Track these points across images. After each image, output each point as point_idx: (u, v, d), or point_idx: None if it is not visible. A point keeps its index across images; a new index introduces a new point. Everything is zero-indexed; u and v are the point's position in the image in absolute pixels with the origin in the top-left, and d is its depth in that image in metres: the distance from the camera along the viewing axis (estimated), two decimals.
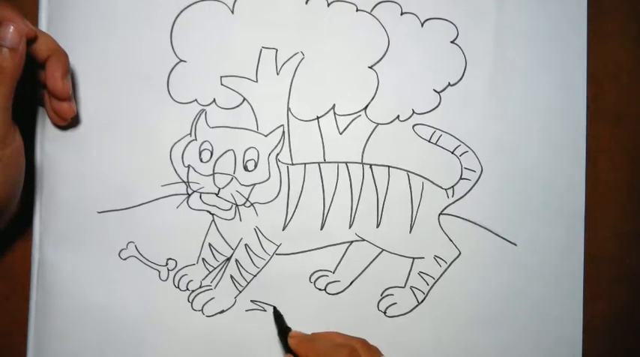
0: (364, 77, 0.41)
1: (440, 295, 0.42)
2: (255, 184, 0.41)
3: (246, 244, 0.41)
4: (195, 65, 0.41)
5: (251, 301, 0.41)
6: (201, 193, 0.41)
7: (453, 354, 0.42)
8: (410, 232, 0.42)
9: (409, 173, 0.41)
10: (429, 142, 0.42)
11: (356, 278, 0.42)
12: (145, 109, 0.41)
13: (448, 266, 0.42)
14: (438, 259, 0.42)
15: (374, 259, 0.42)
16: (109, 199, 0.40)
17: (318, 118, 0.41)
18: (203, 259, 0.41)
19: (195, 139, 0.41)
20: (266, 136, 0.41)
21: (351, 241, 0.41)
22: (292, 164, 0.41)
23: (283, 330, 0.40)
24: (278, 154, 0.41)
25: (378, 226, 0.41)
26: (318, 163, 0.41)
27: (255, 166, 0.41)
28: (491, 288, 0.42)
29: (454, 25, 0.42)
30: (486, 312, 0.42)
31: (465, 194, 0.42)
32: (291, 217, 0.41)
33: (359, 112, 0.41)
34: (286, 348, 0.39)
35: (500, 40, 0.42)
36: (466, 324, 0.42)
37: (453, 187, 0.42)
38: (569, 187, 0.42)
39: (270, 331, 0.41)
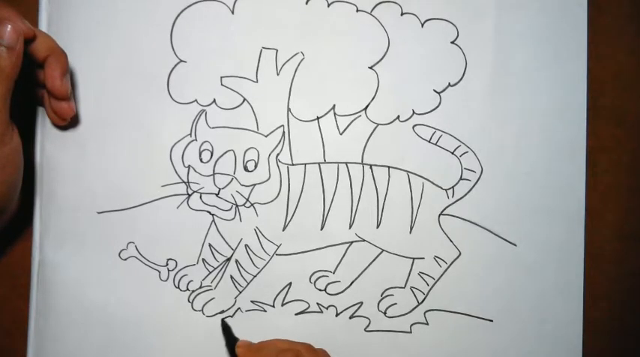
0: (364, 78, 0.41)
1: (440, 296, 0.42)
2: (255, 185, 0.41)
3: (246, 245, 0.41)
4: (195, 65, 0.41)
5: (251, 301, 0.41)
6: (201, 193, 0.41)
7: (453, 354, 0.42)
8: (410, 232, 0.42)
9: (409, 174, 0.41)
10: (429, 142, 0.42)
11: (356, 279, 0.42)
12: (145, 109, 0.41)
13: (448, 266, 0.42)
14: (438, 260, 0.42)
15: (374, 260, 0.42)
16: (109, 199, 0.40)
17: (318, 118, 0.41)
18: (203, 259, 0.41)
19: (196, 140, 0.41)
20: (266, 136, 0.41)
21: (351, 242, 0.41)
22: (292, 164, 0.41)
23: (231, 341, 0.40)
24: (278, 155, 0.41)
25: (378, 227, 0.41)
26: (319, 164, 0.41)
27: (256, 166, 0.41)
28: (491, 288, 0.42)
29: (454, 25, 0.42)
30: (486, 312, 0.42)
31: (465, 195, 0.42)
32: (292, 218, 0.41)
33: (359, 112, 0.41)
34: None
35: (500, 40, 0.42)
36: (466, 324, 0.42)
37: (453, 187, 0.42)
38: (569, 187, 0.42)
39: (270, 331, 0.41)
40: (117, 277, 0.40)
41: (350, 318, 0.42)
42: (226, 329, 0.40)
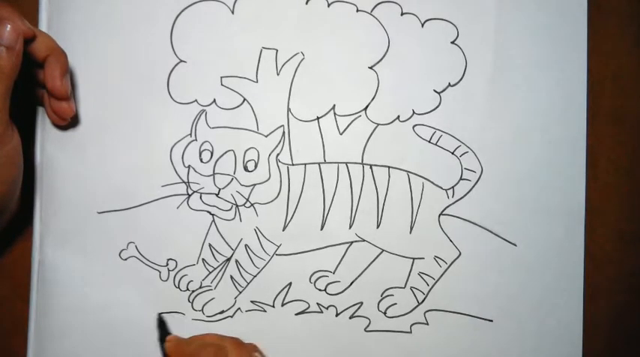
0: (364, 78, 0.41)
1: (440, 296, 0.42)
2: (255, 185, 0.41)
3: (246, 245, 0.41)
4: (195, 65, 0.41)
5: (251, 301, 0.41)
6: (201, 193, 0.41)
7: (453, 354, 0.42)
8: (410, 232, 0.42)
9: (409, 174, 0.41)
10: (429, 142, 0.42)
11: (356, 279, 0.42)
12: (145, 109, 0.41)
13: (448, 266, 0.42)
14: (438, 260, 0.42)
15: (374, 260, 0.42)
16: (109, 200, 0.40)
17: (318, 118, 0.41)
18: (203, 259, 0.41)
19: (196, 140, 0.41)
20: (266, 136, 0.41)
21: (352, 242, 0.41)
22: (292, 165, 0.41)
23: (163, 336, 0.40)
24: (278, 155, 0.41)
25: (378, 227, 0.41)
26: (319, 164, 0.41)
27: (256, 166, 0.41)
28: (491, 288, 0.42)
29: (454, 25, 0.42)
30: (486, 312, 0.42)
31: (465, 195, 0.42)
32: (292, 218, 0.41)
33: (359, 112, 0.41)
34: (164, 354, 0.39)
35: (500, 40, 0.42)
36: (466, 324, 0.42)
37: (453, 187, 0.42)
38: (569, 187, 0.42)
39: (270, 331, 0.41)
40: (117, 276, 0.40)
41: (350, 318, 0.42)
42: (162, 324, 0.40)
